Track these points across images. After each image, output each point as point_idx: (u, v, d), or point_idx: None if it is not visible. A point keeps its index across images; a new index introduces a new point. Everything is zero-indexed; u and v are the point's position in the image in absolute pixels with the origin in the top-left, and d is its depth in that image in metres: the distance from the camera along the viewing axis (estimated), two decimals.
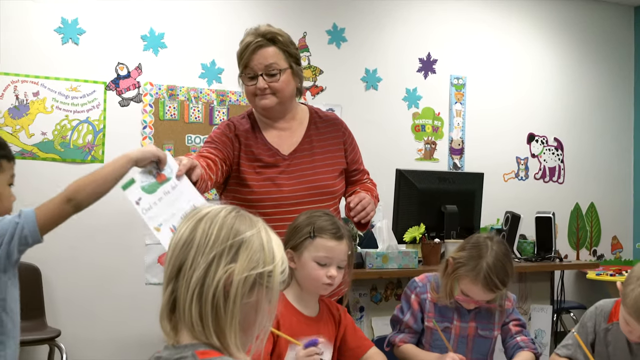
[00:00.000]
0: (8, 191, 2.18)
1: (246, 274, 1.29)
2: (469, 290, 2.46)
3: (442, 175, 4.87)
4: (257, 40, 2.59)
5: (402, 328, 2.63)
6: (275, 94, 2.64)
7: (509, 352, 2.59)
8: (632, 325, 2.23)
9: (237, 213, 1.37)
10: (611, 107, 7.40)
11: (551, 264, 4.52)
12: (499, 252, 2.43)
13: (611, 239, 7.41)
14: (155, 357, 1.34)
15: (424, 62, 6.40)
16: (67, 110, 4.97)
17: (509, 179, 6.77)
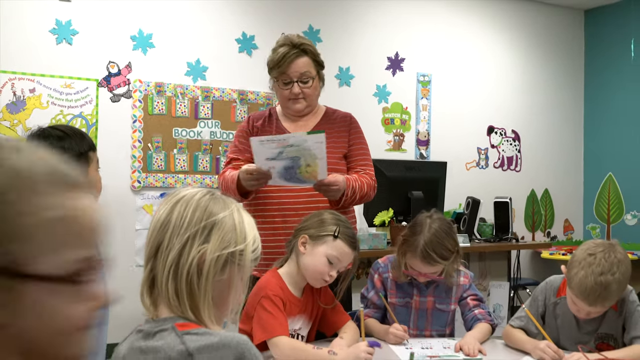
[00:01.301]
0: (98, 177, 2.28)
1: (218, 253, 1.30)
2: (412, 264, 2.50)
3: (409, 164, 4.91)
4: (294, 52, 2.74)
5: (368, 304, 2.67)
6: (305, 98, 2.81)
7: (467, 324, 2.61)
8: (579, 305, 2.27)
9: (211, 196, 1.37)
10: (564, 101, 7.47)
11: (508, 245, 4.58)
12: (437, 228, 2.46)
13: (563, 222, 7.50)
14: (137, 330, 1.35)
15: (393, 60, 6.42)
16: (61, 106, 4.93)
17: (470, 167, 6.82)
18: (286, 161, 2.51)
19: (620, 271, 2.22)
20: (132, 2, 5.20)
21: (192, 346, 1.23)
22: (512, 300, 4.91)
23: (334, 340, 2.34)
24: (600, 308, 2.28)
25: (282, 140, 2.48)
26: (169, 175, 5.28)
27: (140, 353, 1.29)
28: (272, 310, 2.21)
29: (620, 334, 2.38)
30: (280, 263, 2.43)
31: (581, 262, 2.25)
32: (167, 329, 1.27)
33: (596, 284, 2.19)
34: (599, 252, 2.24)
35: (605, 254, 2.23)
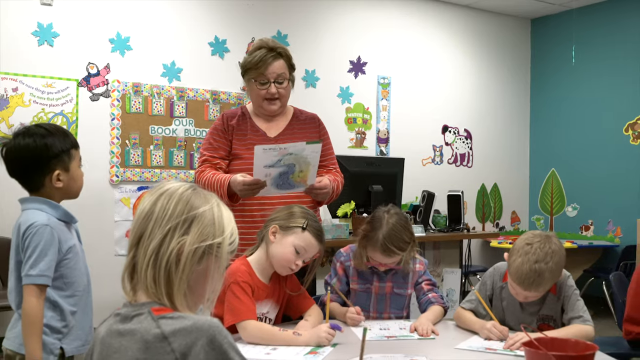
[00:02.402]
0: (79, 173, 2.23)
1: (196, 245, 1.29)
2: (373, 256, 2.52)
3: (369, 160, 4.94)
4: (271, 54, 2.74)
5: (331, 290, 2.67)
6: (280, 99, 2.82)
7: (422, 306, 2.64)
8: (517, 289, 2.32)
9: (193, 190, 1.36)
10: (511, 103, 7.58)
11: (460, 234, 4.63)
12: (395, 223, 2.48)
13: (511, 213, 7.61)
14: (115, 314, 1.34)
15: (355, 64, 6.44)
16: (43, 104, 4.85)
17: (426, 163, 6.88)
18: (282, 168, 2.56)
19: (554, 260, 2.27)
20: (110, 6, 5.13)
21: (166, 330, 1.22)
22: (464, 285, 4.97)
23: (300, 322, 2.35)
24: (535, 293, 2.32)
25: (283, 149, 2.52)
26: (145, 170, 5.23)
27: (117, 335, 1.28)
28: (241, 296, 2.21)
29: (559, 315, 2.44)
30: (250, 251, 2.43)
31: (519, 250, 2.30)
32: (144, 313, 1.26)
33: (531, 270, 2.24)
34: (536, 242, 2.29)
35: (541, 244, 2.28)
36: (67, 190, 2.18)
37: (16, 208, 2.19)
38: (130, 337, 1.25)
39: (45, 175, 2.13)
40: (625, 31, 6.78)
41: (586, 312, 2.38)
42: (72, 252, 2.15)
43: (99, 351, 1.31)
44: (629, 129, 6.73)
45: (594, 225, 7.06)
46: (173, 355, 1.20)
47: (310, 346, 2.10)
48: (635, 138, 6.68)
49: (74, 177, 2.18)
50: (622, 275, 3.80)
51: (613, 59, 6.87)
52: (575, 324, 2.34)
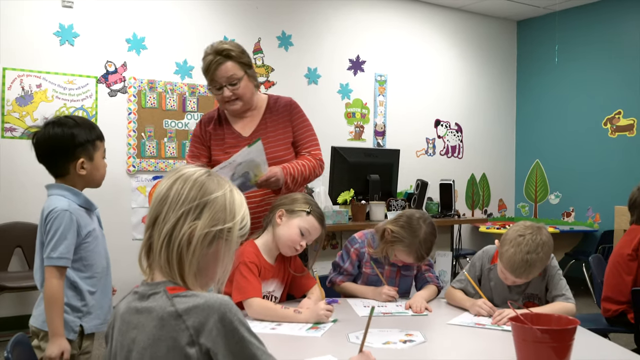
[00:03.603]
0: (103, 163, 2.22)
1: (207, 229, 1.27)
2: (402, 258, 2.50)
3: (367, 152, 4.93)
4: (217, 59, 2.57)
5: (342, 271, 2.66)
6: (239, 98, 2.62)
7: (418, 284, 2.63)
8: (507, 274, 2.31)
9: (208, 176, 1.32)
10: (499, 99, 7.55)
11: (451, 220, 4.62)
12: (428, 232, 2.46)
13: (498, 201, 7.60)
14: (133, 292, 1.33)
15: (354, 62, 6.41)
16: (65, 100, 4.84)
17: (420, 154, 6.87)
18: (239, 180, 2.46)
19: (544, 251, 2.26)
20: (127, 9, 5.11)
21: (180, 307, 1.21)
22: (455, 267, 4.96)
23: (303, 300, 2.35)
24: (524, 279, 2.31)
25: (232, 162, 2.41)
26: (160, 161, 5.23)
27: (135, 312, 1.27)
28: (248, 275, 2.21)
29: (544, 293, 2.43)
30: (257, 235, 2.42)
31: (512, 241, 2.28)
32: (159, 292, 1.25)
33: (522, 260, 2.23)
34: (528, 233, 2.27)
35: (533, 235, 2.26)
36: (90, 178, 2.17)
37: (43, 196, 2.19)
38: (147, 315, 1.24)
39: (70, 163, 2.12)
40: (604, 32, 6.74)
41: (568, 291, 2.37)
42: (91, 236, 2.14)
43: (118, 327, 1.30)
44: (608, 123, 6.71)
45: (575, 212, 7.05)
46: (188, 332, 1.19)
47: (310, 323, 2.10)
48: (613, 131, 6.65)
49: (97, 166, 2.17)
50: (601, 257, 3.80)
51: (593, 58, 6.84)
52: (558, 301, 2.34)
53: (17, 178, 4.58)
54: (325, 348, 1.82)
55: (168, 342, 1.20)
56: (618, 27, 6.62)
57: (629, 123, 6.51)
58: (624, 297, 3.18)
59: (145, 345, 1.23)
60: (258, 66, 5.79)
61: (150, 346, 1.22)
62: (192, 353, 1.19)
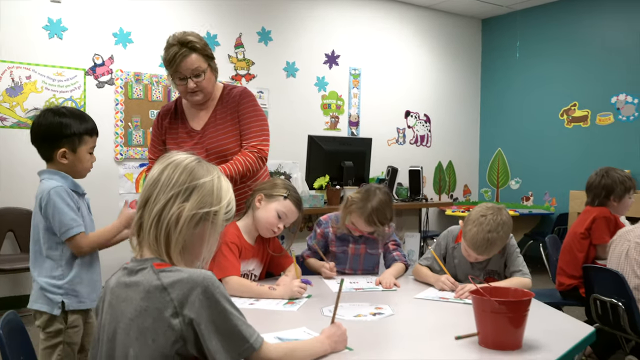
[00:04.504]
0: (87, 157, 2.16)
1: (194, 211, 1.28)
2: (355, 222, 2.51)
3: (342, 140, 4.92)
4: (182, 51, 2.43)
5: (310, 249, 2.68)
6: (202, 90, 2.51)
7: (387, 263, 2.65)
8: (469, 252, 2.33)
9: (197, 162, 1.34)
10: (465, 92, 7.59)
11: (419, 204, 4.65)
12: (382, 199, 2.47)
13: (463, 187, 7.67)
14: (123, 267, 1.33)
15: (330, 57, 6.39)
16: (54, 91, 4.75)
17: (391, 143, 6.89)
18: None
19: (504, 230, 2.28)
20: (113, 4, 5.02)
21: (166, 281, 1.22)
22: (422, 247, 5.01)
23: (280, 277, 2.35)
24: (486, 256, 2.34)
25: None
26: (146, 149, 5.16)
27: (124, 287, 1.28)
28: (228, 255, 2.20)
29: (503, 270, 2.46)
30: (239, 217, 2.42)
31: (475, 221, 2.30)
32: (147, 267, 1.26)
33: (484, 239, 2.25)
34: (489, 214, 2.29)
35: (494, 216, 2.28)
36: (71, 168, 2.13)
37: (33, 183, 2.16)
38: (135, 288, 1.25)
39: (54, 150, 2.10)
40: (561, 30, 6.80)
41: (525, 267, 2.41)
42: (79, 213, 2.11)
43: (108, 300, 1.31)
44: (564, 114, 6.79)
45: (533, 196, 7.14)
46: (172, 304, 1.20)
47: (284, 299, 2.10)
48: (569, 122, 6.74)
49: (80, 158, 2.13)
50: (556, 238, 3.86)
51: (551, 54, 6.91)
52: (515, 276, 2.37)
53: (8, 165, 4.50)
54: (301, 321, 1.82)
55: (153, 314, 1.21)
56: (574, 25, 6.68)
57: (584, 114, 6.60)
58: (577, 272, 3.25)
59: (132, 317, 1.23)
60: (239, 60, 5.74)
61: (136, 317, 1.23)
62: (175, 324, 1.20)
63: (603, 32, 6.42)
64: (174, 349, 1.20)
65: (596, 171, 3.44)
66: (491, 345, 1.57)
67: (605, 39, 6.40)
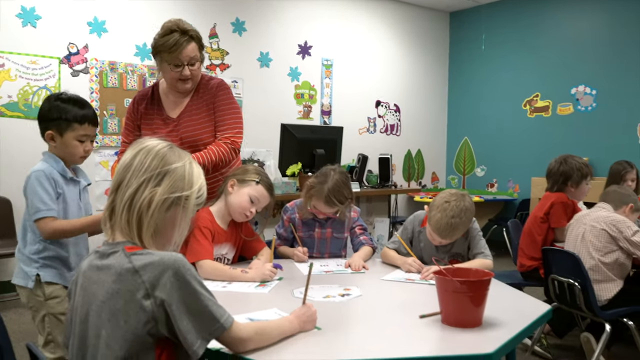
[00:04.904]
0: (74, 144, 2.10)
1: (166, 196, 1.28)
2: (316, 205, 2.52)
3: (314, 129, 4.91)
4: (184, 38, 2.43)
5: (279, 236, 2.68)
6: (192, 79, 2.53)
7: (355, 247, 2.66)
8: (434, 236, 2.36)
9: (169, 148, 1.33)
10: (433, 83, 7.64)
11: (389, 190, 4.67)
12: (338, 179, 2.48)
13: (431, 174, 7.74)
14: (95, 251, 1.32)
15: (302, 47, 6.36)
16: (28, 79, 4.63)
17: (362, 132, 6.90)
18: None
19: (466, 215, 2.32)
20: None
21: (137, 264, 1.21)
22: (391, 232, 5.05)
23: (253, 261, 2.35)
24: (449, 240, 2.38)
25: None
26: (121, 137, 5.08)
27: (96, 270, 1.27)
28: (201, 239, 2.20)
29: (467, 252, 2.50)
30: (212, 203, 2.40)
31: (439, 206, 2.33)
32: (118, 250, 1.25)
33: (448, 224, 2.29)
34: (453, 200, 2.32)
35: (457, 202, 2.32)
36: (60, 152, 2.10)
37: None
38: (107, 271, 1.24)
39: (44, 132, 2.09)
40: (525, 24, 6.88)
41: (487, 249, 2.45)
42: (60, 198, 2.07)
43: (80, 283, 1.31)
44: (527, 105, 6.89)
45: (498, 183, 7.25)
46: (143, 286, 1.20)
47: (256, 282, 2.10)
48: (531, 112, 6.84)
49: (66, 143, 2.08)
50: (518, 222, 3.93)
51: (515, 46, 6.99)
52: (478, 258, 2.41)
53: None
54: (272, 303, 1.83)
55: (125, 296, 1.21)
56: (537, 19, 6.77)
57: (545, 105, 6.70)
58: (537, 255, 3.31)
59: (104, 299, 1.23)
60: (214, 50, 5.68)
61: (108, 299, 1.22)
62: (147, 305, 1.19)
63: (564, 26, 6.52)
64: (145, 329, 1.20)
65: (555, 159, 3.51)
66: (453, 322, 1.60)
67: (566, 33, 6.49)
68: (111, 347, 1.20)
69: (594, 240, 2.93)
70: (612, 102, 6.10)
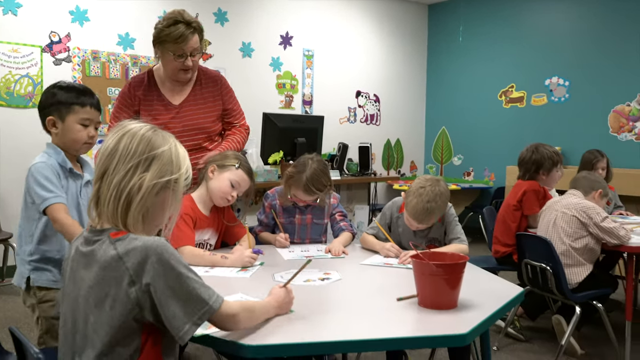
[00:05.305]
0: (76, 127, 1.98)
1: (155, 181, 1.25)
2: (296, 194, 2.52)
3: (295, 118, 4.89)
4: (189, 30, 2.44)
5: (260, 223, 2.67)
6: (193, 69, 2.56)
7: (335, 233, 2.66)
8: (411, 221, 2.38)
9: (154, 132, 1.29)
10: (412, 74, 7.65)
11: (368, 178, 4.68)
12: (316, 168, 2.47)
13: (410, 163, 7.77)
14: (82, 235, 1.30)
15: (284, 38, 6.31)
16: (10, 67, 4.53)
17: (342, 122, 6.89)
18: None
19: (442, 200, 2.34)
20: None
21: (121, 250, 1.19)
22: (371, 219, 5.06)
23: (235, 247, 2.34)
24: (426, 225, 2.39)
25: None
26: (104, 125, 4.98)
27: (82, 256, 1.25)
28: (182, 226, 2.17)
29: (443, 237, 2.52)
30: (193, 189, 2.38)
31: (414, 192, 2.35)
32: (103, 237, 1.23)
33: (423, 209, 2.30)
34: (428, 185, 2.34)
35: (432, 187, 2.33)
36: (62, 140, 1.98)
37: None
38: (92, 258, 1.22)
39: (45, 119, 1.99)
40: (501, 17, 6.91)
41: (463, 234, 2.46)
42: None
43: (70, 266, 1.29)
44: (502, 96, 6.93)
45: (474, 172, 7.31)
46: (128, 272, 1.18)
47: (236, 267, 2.09)
48: (507, 102, 6.89)
49: (68, 128, 1.96)
50: (493, 209, 3.96)
51: (491, 38, 7.02)
52: (454, 243, 2.43)
53: None
54: (253, 287, 1.82)
55: (110, 282, 1.19)
56: (513, 11, 6.80)
57: (520, 95, 6.76)
58: (510, 241, 3.35)
59: (91, 285, 1.21)
60: None
61: (95, 285, 1.21)
62: (131, 292, 1.18)
63: (539, 18, 6.56)
64: (130, 315, 1.19)
65: (527, 147, 3.54)
66: (429, 305, 1.61)
67: (540, 25, 6.54)
68: (98, 332, 1.19)
69: (565, 226, 2.97)
70: (584, 93, 6.17)
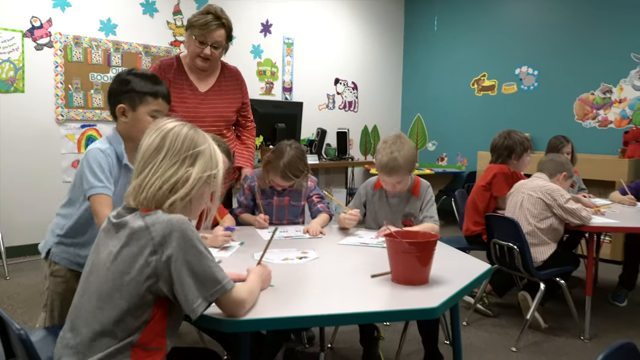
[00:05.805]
0: (147, 119, 1.91)
1: (200, 175, 1.34)
2: (274, 179, 2.55)
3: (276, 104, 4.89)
4: (217, 22, 2.58)
5: (240, 204, 2.69)
6: (212, 60, 2.66)
7: (313, 214, 2.69)
8: (384, 179, 2.42)
9: (194, 131, 1.38)
10: (389, 62, 7.66)
11: (346, 163, 4.71)
12: (294, 155, 2.50)
13: None
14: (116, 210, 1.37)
15: (264, 26, 6.26)
16: None
17: (322, 108, 6.88)
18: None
19: (404, 149, 2.37)
20: None
21: (149, 221, 1.27)
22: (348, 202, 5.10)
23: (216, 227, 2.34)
24: (396, 177, 2.39)
25: None
26: (87, 111, 4.93)
27: (112, 225, 1.33)
28: None
29: (419, 213, 2.55)
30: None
31: (379, 149, 2.43)
32: (135, 213, 1.31)
33: (389, 159, 2.36)
34: (389, 139, 2.42)
35: (393, 139, 2.41)
36: (130, 129, 1.92)
37: None
38: (121, 227, 1.30)
39: (115, 106, 1.93)
40: (474, 6, 6.94)
41: (436, 214, 2.50)
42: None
43: (99, 236, 1.38)
44: (475, 84, 6.99)
45: (447, 157, 7.38)
46: (152, 242, 1.25)
47: (214, 247, 2.09)
48: (479, 91, 6.95)
49: (139, 118, 1.91)
50: (464, 192, 4.02)
51: (465, 28, 7.05)
52: (426, 222, 2.47)
53: None
54: (234, 266, 1.83)
55: (133, 249, 1.26)
56: (486, 3, 6.82)
57: (492, 84, 6.82)
58: (480, 220, 3.41)
59: (115, 251, 1.28)
60: (178, 26, 5.53)
61: (118, 252, 1.28)
62: (152, 260, 1.24)
63: (510, 9, 6.60)
64: (146, 285, 1.24)
65: (499, 133, 3.59)
66: (402, 281, 1.64)
67: (511, 16, 6.59)
68: (113, 298, 1.25)
69: (530, 207, 3.03)
70: (552, 82, 6.26)
